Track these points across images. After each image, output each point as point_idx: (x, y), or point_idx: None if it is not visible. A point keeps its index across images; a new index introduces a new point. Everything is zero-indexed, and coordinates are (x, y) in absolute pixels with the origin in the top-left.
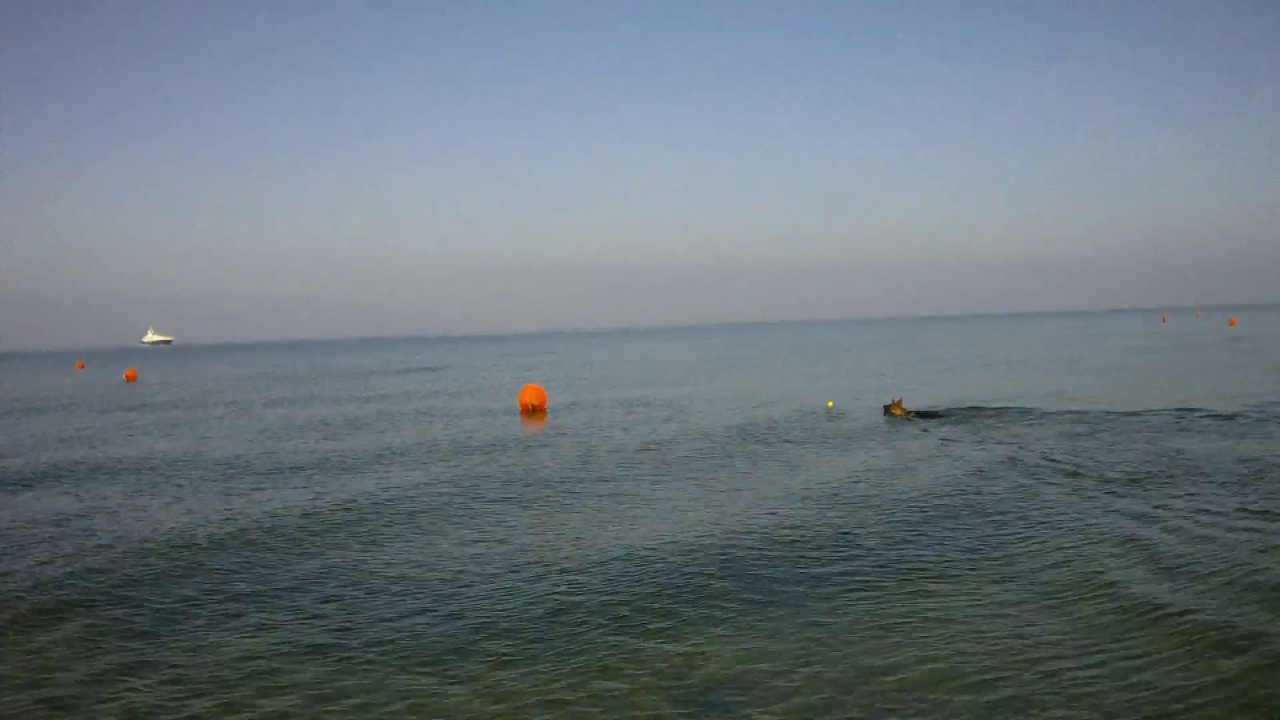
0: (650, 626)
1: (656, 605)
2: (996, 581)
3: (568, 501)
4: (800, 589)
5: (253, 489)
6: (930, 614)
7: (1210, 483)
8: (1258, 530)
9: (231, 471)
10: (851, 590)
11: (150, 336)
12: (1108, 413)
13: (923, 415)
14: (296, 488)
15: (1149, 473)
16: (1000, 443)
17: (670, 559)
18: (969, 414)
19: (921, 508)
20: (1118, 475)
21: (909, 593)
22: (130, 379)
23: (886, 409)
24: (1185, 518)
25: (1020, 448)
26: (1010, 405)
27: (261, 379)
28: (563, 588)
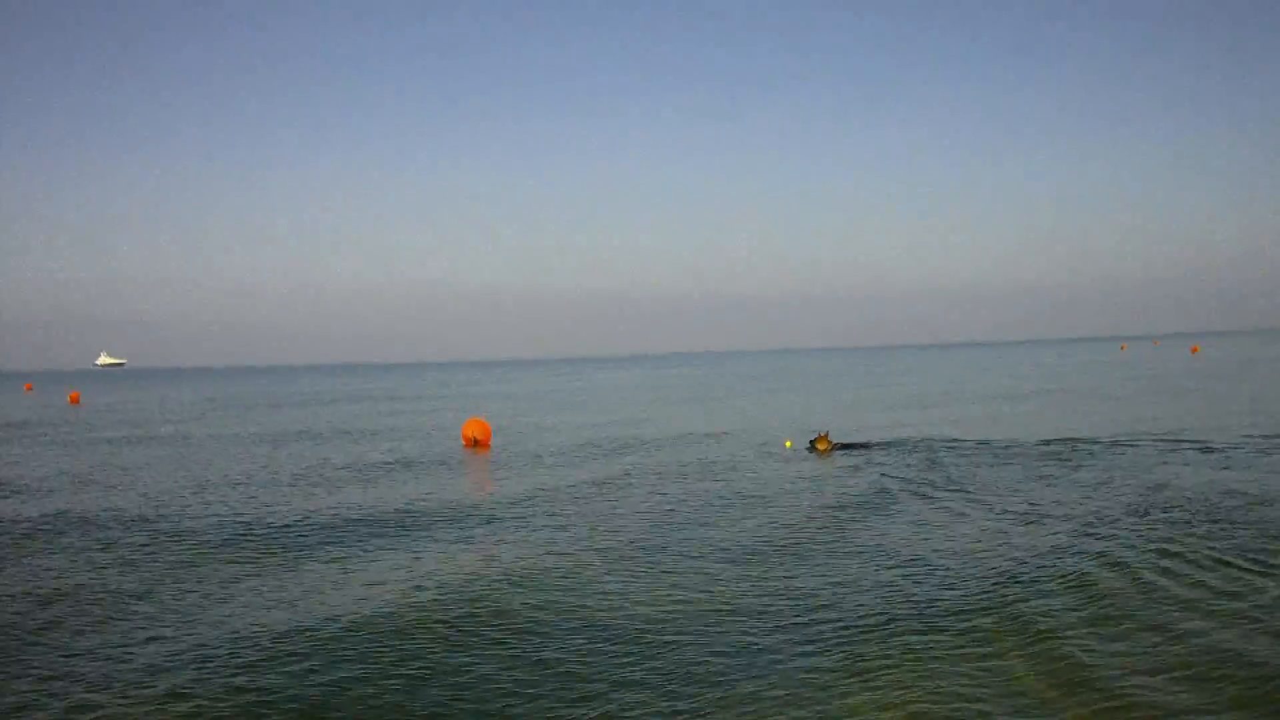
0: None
1: (606, 679)
2: (944, 634)
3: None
4: (747, 657)
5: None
6: (891, 671)
7: (1194, 521)
8: (1234, 585)
9: (153, 529)
10: (806, 653)
11: (103, 359)
12: (1079, 441)
13: (849, 447)
14: (217, 556)
15: (1134, 511)
16: (956, 488)
17: (620, 625)
18: (921, 445)
19: (880, 558)
20: (1089, 515)
21: (877, 644)
22: (74, 402)
23: (811, 444)
24: (1156, 560)
25: (979, 486)
26: (969, 438)
27: (206, 406)
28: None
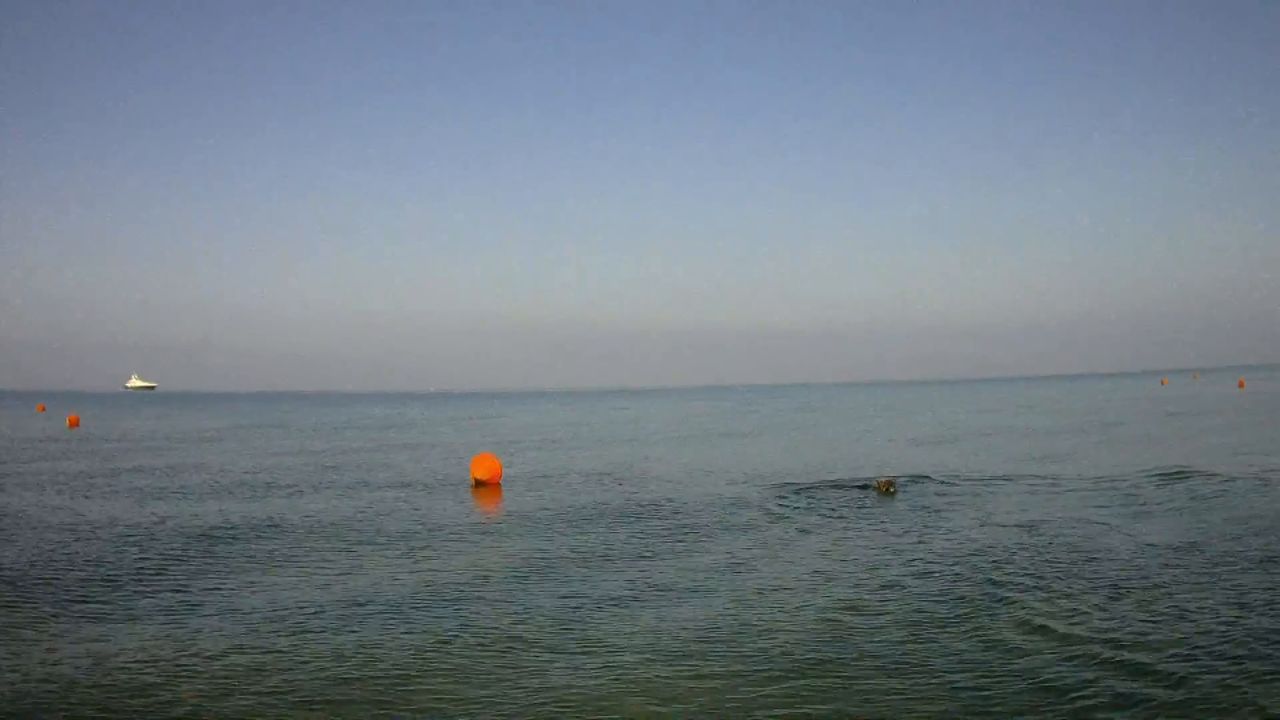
0: None
1: None
2: None
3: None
4: None
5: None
6: None
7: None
8: None
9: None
10: None
11: (134, 382)
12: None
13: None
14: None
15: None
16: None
17: None
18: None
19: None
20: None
21: None
22: (72, 425)
23: (876, 488)
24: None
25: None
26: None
27: (210, 434)
28: None
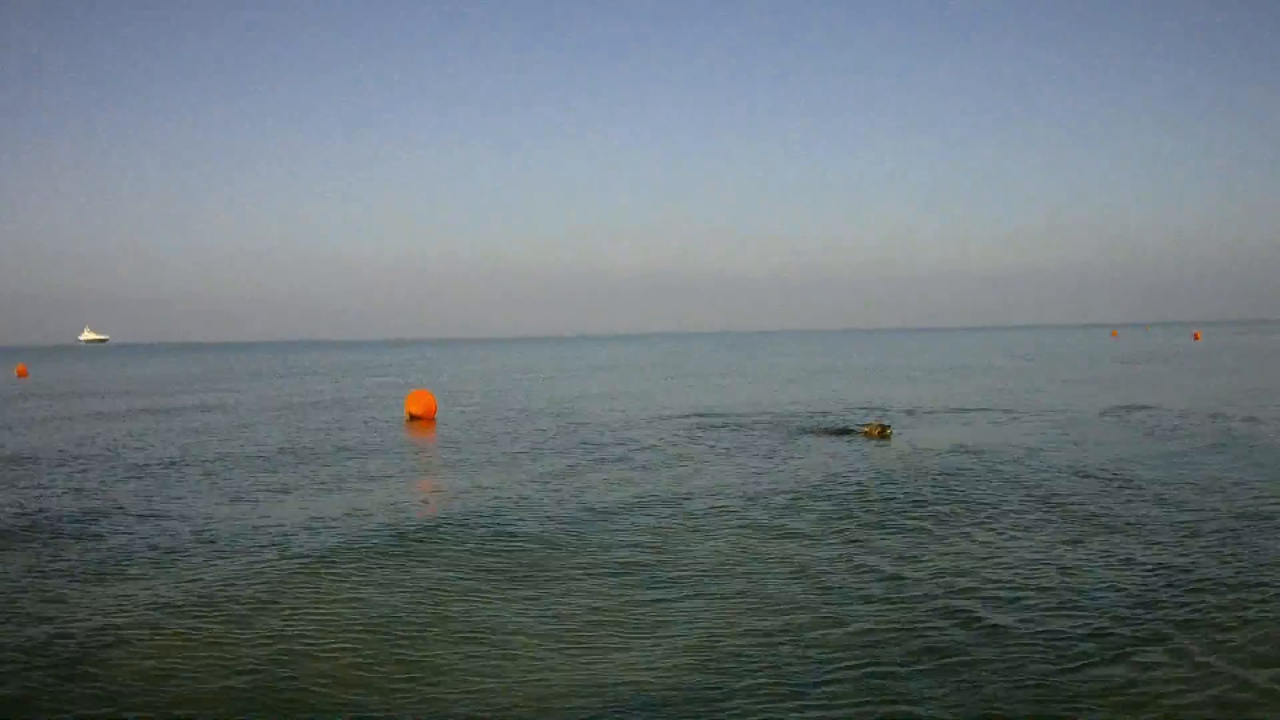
0: None
1: None
2: None
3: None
4: None
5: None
6: None
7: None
8: None
9: None
10: None
11: (87, 335)
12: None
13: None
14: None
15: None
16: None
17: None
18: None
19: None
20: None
21: None
22: (21, 375)
23: (869, 432)
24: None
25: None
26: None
27: (157, 381)
28: None
